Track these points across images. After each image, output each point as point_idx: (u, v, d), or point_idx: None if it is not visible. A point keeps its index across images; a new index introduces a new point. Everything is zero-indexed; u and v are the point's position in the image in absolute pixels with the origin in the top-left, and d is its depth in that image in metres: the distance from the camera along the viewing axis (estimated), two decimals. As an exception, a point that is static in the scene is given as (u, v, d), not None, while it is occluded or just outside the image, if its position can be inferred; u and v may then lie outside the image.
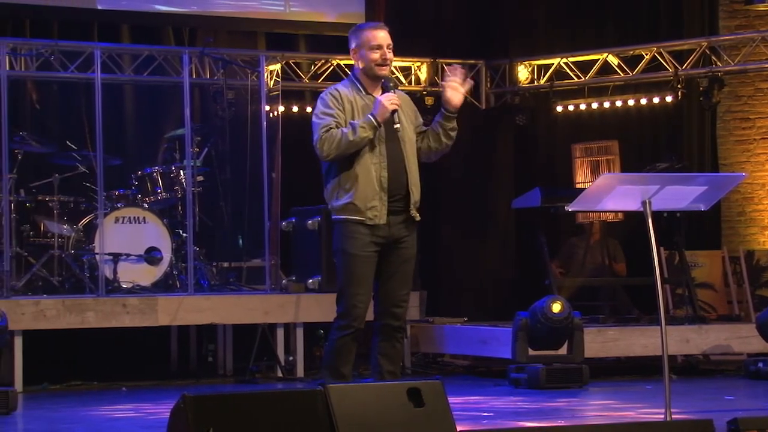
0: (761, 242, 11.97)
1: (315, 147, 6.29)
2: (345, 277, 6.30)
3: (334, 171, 6.35)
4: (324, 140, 6.24)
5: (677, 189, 6.38)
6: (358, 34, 6.42)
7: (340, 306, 6.33)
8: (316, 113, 6.37)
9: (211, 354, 10.28)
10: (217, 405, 4.81)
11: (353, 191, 6.26)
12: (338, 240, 6.31)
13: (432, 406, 5.11)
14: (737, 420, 5.78)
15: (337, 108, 6.31)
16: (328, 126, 6.26)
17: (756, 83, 12.09)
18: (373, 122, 6.23)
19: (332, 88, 6.42)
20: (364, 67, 6.39)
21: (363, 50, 6.37)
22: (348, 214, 6.27)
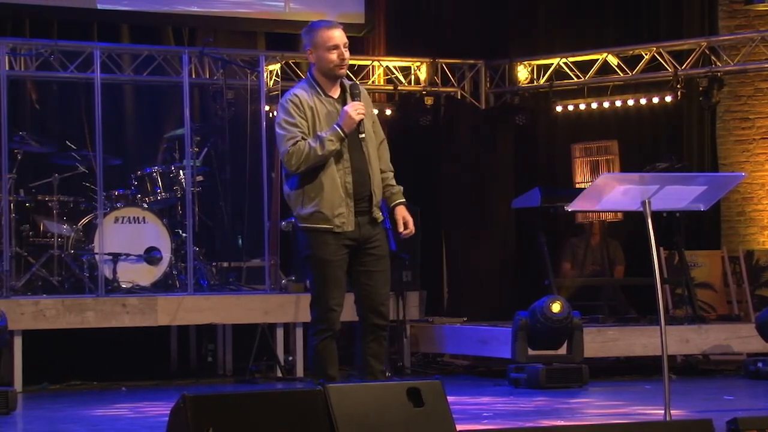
0: (761, 242, 11.97)
1: (282, 159, 6.20)
2: (320, 283, 6.25)
3: (296, 178, 6.23)
4: (292, 154, 6.13)
5: (677, 189, 6.38)
6: (312, 34, 6.28)
7: (315, 311, 6.29)
8: (278, 123, 6.23)
9: (211, 354, 10.28)
10: (216, 405, 4.81)
11: (318, 200, 6.20)
12: (308, 247, 6.26)
13: (431, 406, 5.11)
14: (737, 420, 5.78)
15: (300, 116, 6.20)
16: (294, 138, 6.15)
17: (756, 83, 12.09)
18: (340, 134, 6.16)
19: (291, 93, 6.28)
20: (321, 68, 6.26)
21: (319, 51, 6.24)
22: (316, 223, 6.21)
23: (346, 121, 6.17)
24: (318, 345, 6.30)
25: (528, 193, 10.11)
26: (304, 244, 6.27)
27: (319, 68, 6.26)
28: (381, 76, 11.79)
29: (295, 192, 6.24)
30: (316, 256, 6.23)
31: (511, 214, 11.43)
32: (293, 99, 6.24)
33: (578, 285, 10.53)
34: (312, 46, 6.24)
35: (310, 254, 6.25)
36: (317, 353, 6.32)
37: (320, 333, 6.29)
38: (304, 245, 6.28)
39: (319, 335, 6.29)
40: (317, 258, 6.22)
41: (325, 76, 6.27)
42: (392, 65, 11.84)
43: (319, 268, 6.24)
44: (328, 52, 6.22)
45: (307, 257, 6.28)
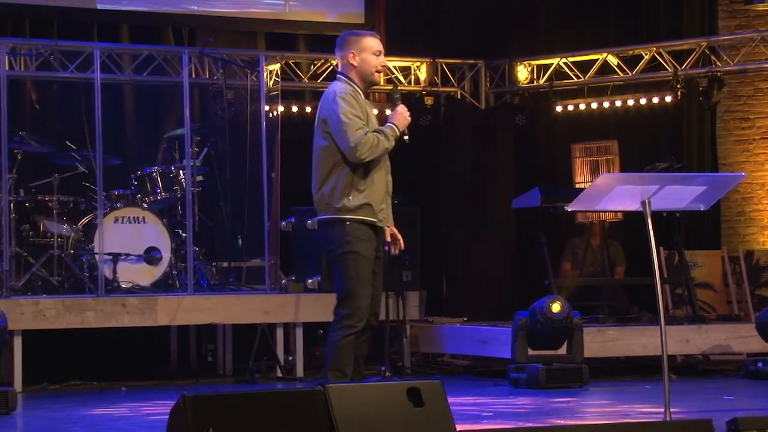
0: (761, 242, 11.97)
1: (348, 147, 6.37)
2: (355, 279, 6.38)
3: (345, 172, 6.42)
4: (364, 143, 6.36)
5: (677, 189, 6.38)
6: (358, 39, 6.59)
7: (347, 307, 6.40)
8: (342, 112, 6.41)
9: (211, 354, 10.28)
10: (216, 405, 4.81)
11: (368, 192, 6.42)
12: (348, 242, 6.39)
13: (431, 406, 5.11)
14: (737, 420, 5.79)
15: (360, 110, 6.46)
16: (363, 129, 6.40)
17: (755, 83, 12.09)
18: (397, 132, 6.49)
19: (343, 88, 6.50)
20: (362, 71, 6.55)
21: (364, 54, 6.54)
22: (363, 215, 6.40)
23: (400, 120, 6.52)
24: (342, 340, 6.39)
25: (528, 193, 10.11)
26: (341, 240, 6.39)
27: (359, 72, 6.56)
28: (381, 76, 11.76)
29: (343, 184, 6.41)
30: (357, 252, 6.38)
31: (511, 214, 11.43)
32: (351, 93, 6.48)
33: (578, 285, 10.53)
34: (356, 50, 6.54)
35: (348, 250, 6.39)
36: (340, 348, 6.39)
37: (348, 328, 6.38)
38: (340, 242, 6.39)
39: (346, 330, 6.38)
40: (354, 253, 6.38)
41: (363, 80, 6.57)
42: (392, 65, 11.84)
43: (358, 264, 6.38)
44: (372, 56, 6.55)
45: (344, 254, 6.40)
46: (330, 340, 6.45)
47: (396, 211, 9.54)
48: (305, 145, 11.55)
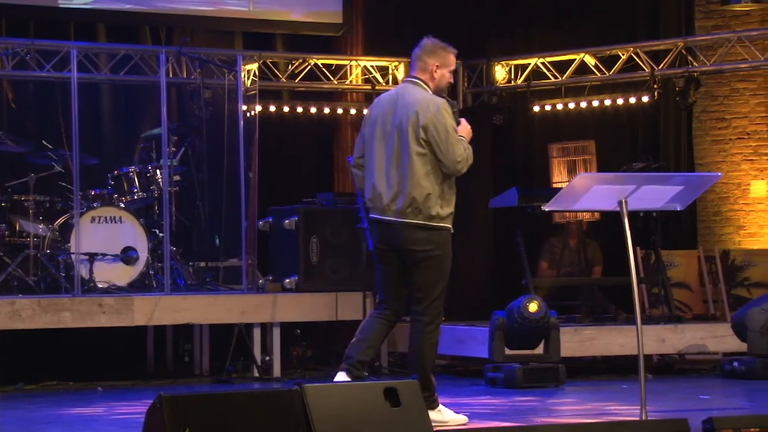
0: (737, 242, 12.01)
1: (455, 161, 6.62)
2: (444, 281, 6.72)
3: (439, 181, 6.67)
4: (467, 157, 6.67)
5: (653, 189, 6.40)
6: (444, 54, 6.82)
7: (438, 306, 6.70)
8: (447, 125, 6.60)
9: (188, 354, 10.26)
10: (193, 405, 4.81)
11: (452, 202, 6.78)
12: (442, 246, 6.69)
13: (408, 406, 5.12)
14: (712, 419, 5.81)
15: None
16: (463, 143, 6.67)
17: (732, 83, 12.14)
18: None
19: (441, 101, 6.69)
20: (438, 84, 6.79)
21: (444, 70, 6.80)
22: (449, 223, 6.74)
23: (466, 133, 6.77)
24: (435, 338, 6.71)
25: (505, 192, 10.12)
26: (439, 243, 6.68)
27: (437, 85, 6.79)
28: (359, 75, 11.78)
29: (435, 193, 6.66)
30: (448, 254, 6.71)
31: (489, 213, 11.44)
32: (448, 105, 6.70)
33: (555, 285, 10.55)
34: (440, 63, 6.79)
35: (444, 253, 6.70)
36: (436, 344, 6.72)
37: (439, 326, 6.73)
38: (438, 244, 6.68)
39: (438, 328, 6.72)
40: (447, 257, 6.72)
41: (435, 92, 6.78)
42: (370, 65, 11.84)
43: (447, 266, 6.73)
44: (449, 73, 6.83)
45: (442, 256, 6.70)
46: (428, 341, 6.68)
47: (373, 211, 9.64)
48: (283, 144, 11.66)
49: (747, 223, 12.06)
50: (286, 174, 11.50)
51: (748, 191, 12.10)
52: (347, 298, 9.67)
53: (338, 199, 10.13)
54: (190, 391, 8.41)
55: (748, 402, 8.18)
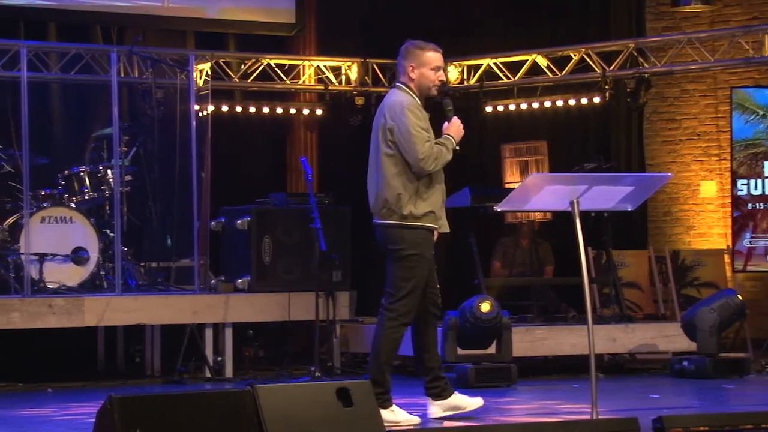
0: (687, 242, 12.11)
1: (416, 159, 6.63)
2: (416, 280, 6.68)
3: (411, 180, 6.69)
4: (431, 155, 6.65)
5: (605, 189, 6.44)
6: (419, 53, 6.79)
7: (405, 305, 6.69)
8: (411, 125, 6.64)
9: (139, 354, 10.20)
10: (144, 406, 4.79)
11: (431, 200, 6.74)
12: (414, 245, 6.68)
13: (361, 406, 5.12)
14: (662, 418, 5.86)
15: (425, 122, 6.73)
16: (429, 141, 6.68)
17: (682, 84, 12.24)
18: (453, 143, 6.82)
19: (410, 101, 6.72)
20: (420, 84, 6.77)
21: (423, 69, 6.77)
22: (428, 222, 6.71)
23: (456, 131, 6.85)
24: (396, 334, 6.72)
25: (458, 192, 10.13)
26: (409, 242, 6.68)
27: (418, 85, 6.78)
28: (311, 75, 11.77)
29: (407, 192, 6.68)
30: (421, 254, 6.69)
31: (442, 213, 11.44)
32: (416, 104, 6.74)
33: (507, 285, 10.58)
34: (416, 63, 6.77)
35: (415, 252, 6.68)
36: (394, 341, 6.72)
37: (404, 325, 6.73)
38: (408, 243, 6.68)
39: (402, 327, 6.72)
40: (421, 256, 6.69)
41: (420, 92, 6.79)
42: (323, 65, 11.83)
43: (421, 266, 6.70)
44: (431, 71, 6.78)
45: (411, 255, 6.68)
46: (385, 336, 6.73)
47: (327, 211, 9.65)
48: (235, 144, 11.62)
49: (697, 224, 12.16)
50: (239, 174, 11.47)
51: (698, 192, 12.20)
52: (300, 298, 9.65)
53: (291, 200, 10.11)
54: (141, 392, 8.37)
55: (698, 401, 8.24)
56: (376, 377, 6.62)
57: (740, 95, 10.65)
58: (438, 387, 6.90)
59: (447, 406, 6.86)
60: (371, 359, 6.80)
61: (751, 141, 10.55)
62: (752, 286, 11.83)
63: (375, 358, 6.75)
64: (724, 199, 11.81)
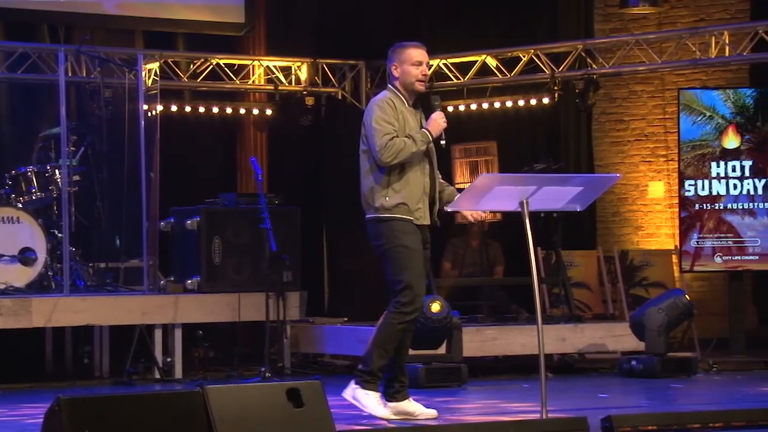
0: (635, 242, 12.20)
1: (375, 151, 6.76)
2: (409, 271, 6.75)
3: (381, 173, 6.80)
4: (388, 147, 6.72)
5: (554, 189, 6.47)
6: (400, 51, 6.93)
7: (407, 296, 6.76)
8: (374, 119, 6.81)
9: (87, 355, 10.13)
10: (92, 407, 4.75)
11: (404, 193, 6.78)
12: (392, 238, 6.78)
13: (311, 407, 5.11)
14: (611, 418, 5.89)
15: (393, 117, 6.81)
16: (390, 134, 6.75)
17: (630, 86, 12.32)
18: (429, 137, 6.83)
19: (384, 96, 6.87)
20: (404, 81, 6.88)
21: (404, 66, 6.88)
22: (400, 214, 6.77)
23: (433, 126, 6.86)
24: (398, 325, 6.79)
25: (408, 193, 10.14)
26: (387, 236, 6.80)
27: (402, 82, 6.89)
28: (261, 75, 11.74)
29: (380, 185, 6.80)
30: (402, 245, 6.77)
31: (392, 214, 11.45)
32: (388, 101, 6.85)
33: (458, 285, 10.61)
34: (398, 61, 6.90)
35: (396, 245, 6.78)
36: (396, 332, 6.79)
37: (406, 315, 6.78)
38: (386, 237, 6.80)
39: (407, 316, 6.78)
40: (403, 247, 6.76)
41: (406, 89, 6.89)
42: (273, 65, 11.80)
43: (406, 256, 6.77)
44: (412, 66, 6.86)
45: (392, 248, 6.79)
46: (385, 322, 6.81)
47: (277, 212, 9.62)
48: (184, 144, 11.57)
49: (645, 224, 12.25)
50: (188, 174, 11.42)
51: (646, 192, 12.30)
52: (250, 298, 9.63)
53: (241, 200, 10.09)
54: (90, 393, 8.32)
55: (646, 400, 8.30)
56: (364, 356, 6.86)
57: (687, 96, 10.74)
58: (393, 388, 6.93)
59: (398, 410, 6.88)
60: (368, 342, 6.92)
61: (698, 142, 10.65)
62: (699, 286, 11.94)
63: (370, 341, 6.88)
64: (671, 200, 11.91)
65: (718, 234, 10.55)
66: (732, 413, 6.37)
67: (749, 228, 10.52)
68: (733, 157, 10.54)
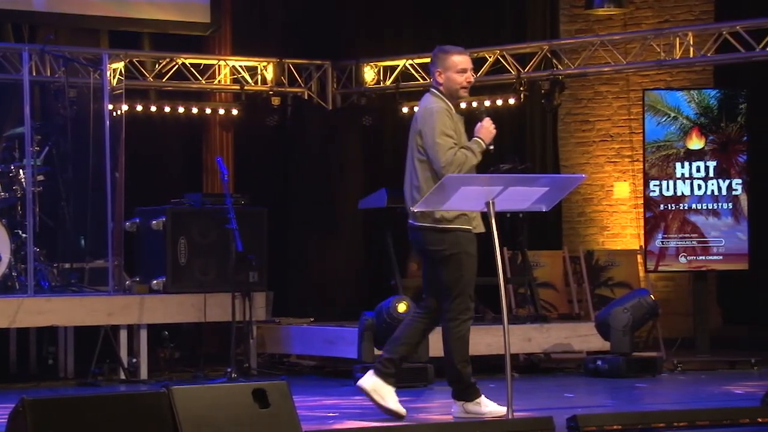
0: (600, 242, 12.25)
1: (440, 166, 6.76)
2: (466, 277, 6.87)
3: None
4: (453, 163, 6.76)
5: (520, 190, 6.49)
6: (444, 57, 6.92)
7: (462, 302, 6.88)
8: (434, 131, 6.78)
9: (52, 356, 10.08)
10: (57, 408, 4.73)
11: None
12: (454, 245, 6.84)
13: (277, 407, 5.11)
14: (576, 417, 5.92)
15: (452, 128, 6.84)
16: (453, 148, 6.79)
17: (595, 86, 12.38)
18: (483, 145, 6.90)
19: (437, 104, 6.85)
20: (448, 88, 6.90)
21: (449, 72, 6.88)
22: (462, 224, 6.84)
23: (485, 133, 6.92)
24: (463, 331, 6.91)
25: (375, 193, 10.16)
26: (449, 243, 6.84)
27: (446, 88, 6.91)
28: (227, 75, 11.72)
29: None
30: (464, 252, 6.85)
31: (359, 214, 11.46)
32: (446, 109, 6.86)
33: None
34: (442, 68, 6.90)
35: (458, 252, 6.84)
36: (463, 338, 6.92)
37: (466, 321, 6.91)
38: (448, 244, 6.84)
39: (465, 323, 6.91)
40: (465, 254, 6.86)
41: (450, 95, 6.91)
42: (238, 65, 11.78)
43: (466, 264, 6.87)
44: (457, 74, 6.88)
45: (454, 255, 6.85)
46: (453, 335, 6.90)
47: (243, 212, 9.61)
48: (150, 144, 11.53)
49: (610, 224, 12.31)
50: (154, 174, 11.38)
51: (611, 192, 12.35)
52: (215, 299, 9.60)
53: (206, 200, 10.06)
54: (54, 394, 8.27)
55: (611, 399, 8.34)
56: (453, 376, 6.94)
57: (652, 97, 10.79)
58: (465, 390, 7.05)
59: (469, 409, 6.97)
60: (445, 362, 7.00)
61: (663, 142, 10.70)
62: (664, 285, 12.00)
63: (448, 360, 6.96)
64: (636, 200, 11.97)
65: (682, 234, 10.61)
66: (696, 413, 6.41)
67: (713, 228, 10.58)
68: (698, 157, 10.60)
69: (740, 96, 10.68)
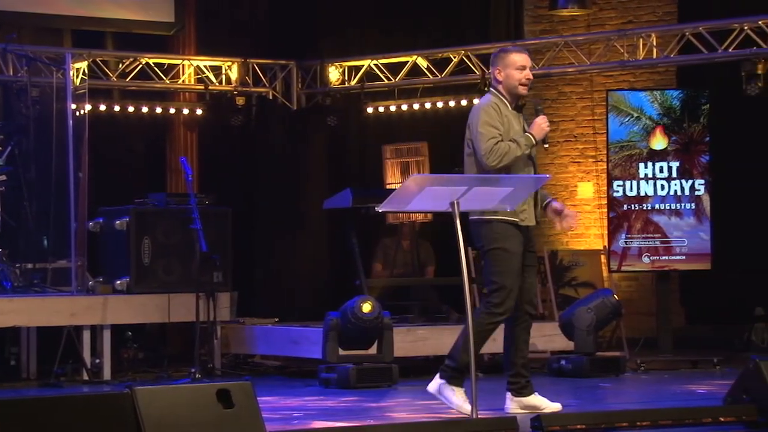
0: (564, 242, 12.29)
1: (481, 155, 6.86)
2: (506, 273, 6.85)
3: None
4: (494, 151, 6.82)
5: (484, 190, 6.51)
6: (503, 56, 7.07)
7: (497, 297, 6.87)
8: (480, 123, 6.90)
9: (14, 357, 10.01)
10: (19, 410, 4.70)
11: None
12: (495, 240, 6.87)
13: (241, 407, 5.10)
14: (540, 417, 5.94)
15: (499, 121, 6.92)
16: (495, 138, 6.85)
17: (559, 87, 12.42)
18: (532, 140, 6.95)
19: (489, 101, 6.98)
20: (507, 85, 7.01)
21: (509, 69, 7.01)
22: (504, 216, 6.85)
23: (537, 129, 6.98)
24: (488, 326, 6.91)
25: (339, 193, 10.15)
26: (491, 237, 6.89)
27: (506, 85, 7.02)
28: (191, 75, 11.68)
29: None
30: (502, 247, 6.87)
31: (323, 214, 11.46)
32: (493, 106, 6.96)
33: (389, 285, 10.62)
34: (501, 65, 7.04)
35: (495, 247, 6.87)
36: (484, 332, 6.90)
37: (499, 316, 6.89)
38: (486, 239, 6.90)
39: (497, 317, 6.89)
40: (502, 249, 6.86)
41: (509, 92, 7.02)
42: (203, 64, 11.75)
43: (506, 259, 6.86)
44: (516, 71, 6.99)
45: (494, 249, 6.88)
46: (476, 325, 6.77)
47: (207, 212, 9.58)
48: (113, 144, 11.48)
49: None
50: (117, 174, 11.34)
51: (575, 193, 12.40)
52: (180, 299, 9.57)
53: (170, 200, 10.03)
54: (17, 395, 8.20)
55: (575, 399, 8.36)
56: (452, 353, 6.99)
57: (615, 97, 10.84)
58: (518, 383, 7.05)
59: (525, 404, 6.97)
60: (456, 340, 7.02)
61: (626, 142, 10.75)
62: (627, 285, 12.06)
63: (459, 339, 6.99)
64: (600, 200, 12.02)
65: (645, 234, 10.66)
66: (659, 412, 6.45)
67: (676, 228, 10.64)
68: (661, 158, 10.66)
69: (703, 97, 10.74)
